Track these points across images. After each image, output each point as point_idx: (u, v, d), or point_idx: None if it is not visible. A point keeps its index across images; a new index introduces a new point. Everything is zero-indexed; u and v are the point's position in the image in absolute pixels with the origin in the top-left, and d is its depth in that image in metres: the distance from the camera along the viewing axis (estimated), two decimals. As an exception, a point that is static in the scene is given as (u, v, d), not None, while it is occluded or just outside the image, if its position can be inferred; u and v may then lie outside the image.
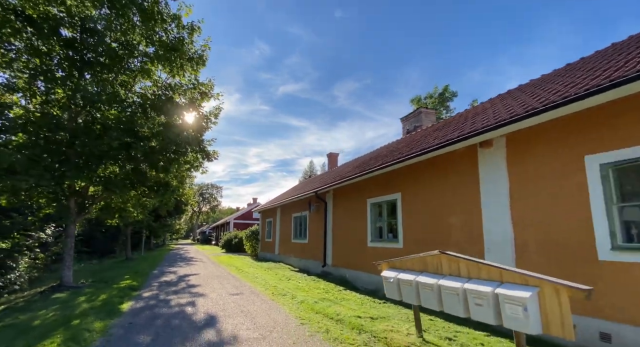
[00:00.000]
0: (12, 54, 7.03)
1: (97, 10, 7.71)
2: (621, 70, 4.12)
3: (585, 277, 4.26)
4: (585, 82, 4.57)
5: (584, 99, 4.05)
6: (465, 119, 8.00)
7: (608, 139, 4.19)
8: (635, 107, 3.98)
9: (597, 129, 4.32)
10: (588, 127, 4.43)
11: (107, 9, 7.58)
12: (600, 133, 4.28)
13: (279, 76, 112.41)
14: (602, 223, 4.17)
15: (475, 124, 6.34)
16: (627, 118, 4.04)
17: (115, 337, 4.61)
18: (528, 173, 5.15)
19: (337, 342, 4.32)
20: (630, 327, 3.81)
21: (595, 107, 4.29)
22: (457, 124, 7.96)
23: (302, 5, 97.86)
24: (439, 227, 6.89)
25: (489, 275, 3.44)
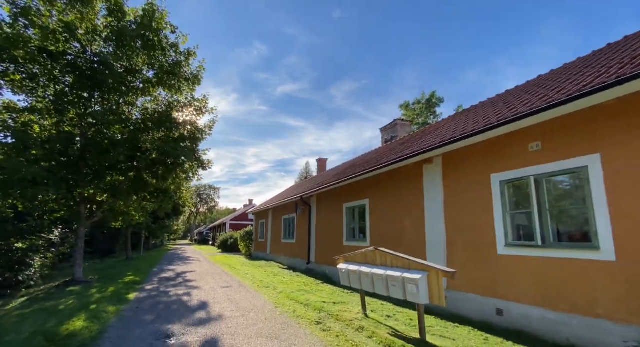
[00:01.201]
0: (33, 83, 8.28)
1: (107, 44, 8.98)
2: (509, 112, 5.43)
3: (489, 267, 5.58)
4: (497, 115, 5.88)
5: (484, 132, 5.36)
6: (423, 135, 9.32)
7: (504, 162, 5.51)
8: (517, 140, 5.28)
9: (498, 153, 5.63)
10: (493, 151, 5.73)
11: (115, 44, 8.84)
12: (500, 157, 5.59)
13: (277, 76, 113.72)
14: (500, 226, 5.48)
15: (424, 143, 7.66)
16: (514, 148, 5.35)
17: (126, 316, 5.88)
18: (456, 186, 6.46)
19: (299, 318, 5.61)
20: (515, 304, 5.11)
21: (495, 137, 5.60)
22: (415, 140, 9.28)
23: (301, 6, 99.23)
24: (397, 228, 8.19)
25: (402, 264, 4.74)
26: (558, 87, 5.14)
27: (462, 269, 6.09)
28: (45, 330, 5.01)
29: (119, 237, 26.05)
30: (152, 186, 11.30)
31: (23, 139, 8.17)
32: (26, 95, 8.59)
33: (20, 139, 8.05)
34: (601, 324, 4.02)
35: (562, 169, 4.65)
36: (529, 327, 4.81)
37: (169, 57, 10.52)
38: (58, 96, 8.75)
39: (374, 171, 8.61)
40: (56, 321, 5.55)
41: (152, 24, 8.97)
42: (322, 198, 12.88)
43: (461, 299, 6.02)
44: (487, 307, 5.50)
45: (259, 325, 5.20)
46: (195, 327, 5.14)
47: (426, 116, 32.99)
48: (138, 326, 5.23)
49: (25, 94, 8.37)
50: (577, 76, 5.12)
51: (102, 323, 5.40)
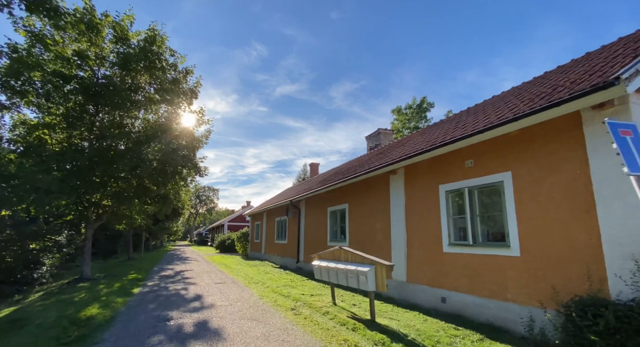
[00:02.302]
0: (49, 102, 9.37)
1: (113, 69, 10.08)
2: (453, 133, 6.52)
3: (437, 263, 6.66)
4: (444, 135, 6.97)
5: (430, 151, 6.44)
6: (394, 148, 10.43)
7: (448, 175, 6.59)
8: (457, 158, 6.37)
9: (445, 168, 6.72)
10: (441, 166, 6.82)
11: (120, 67, 9.94)
12: (446, 171, 6.68)
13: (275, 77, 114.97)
14: (445, 228, 6.56)
15: (391, 156, 8.75)
16: (455, 164, 6.44)
17: (132, 306, 6.95)
18: (415, 194, 7.55)
19: (278, 306, 6.69)
20: (454, 293, 6.19)
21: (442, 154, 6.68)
22: (388, 151, 10.38)
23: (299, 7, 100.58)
24: (369, 230, 9.28)
25: (358, 260, 5.82)
26: (483, 116, 6.25)
27: (417, 265, 7.18)
28: (67, 315, 6.08)
29: (120, 239, 27.08)
30: (152, 192, 12.37)
31: (39, 151, 9.24)
32: (42, 113, 9.68)
33: (37, 151, 9.13)
34: (509, 306, 5.11)
35: (487, 182, 5.74)
36: (464, 311, 5.90)
37: (168, 75, 11.62)
38: (69, 113, 9.84)
39: (350, 180, 9.70)
40: (74, 309, 6.62)
41: (153, 48, 10.08)
42: (310, 202, 13.96)
43: (416, 290, 7.10)
44: (435, 296, 6.59)
45: (243, 311, 6.28)
46: (190, 313, 6.22)
47: (417, 121, 34.09)
48: (143, 313, 6.31)
49: (42, 112, 9.47)
50: (503, 105, 6.23)
51: (112, 310, 6.48)
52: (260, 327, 5.17)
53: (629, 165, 2.49)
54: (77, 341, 4.60)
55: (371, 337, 4.56)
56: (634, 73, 3.66)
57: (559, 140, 4.70)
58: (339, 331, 4.92)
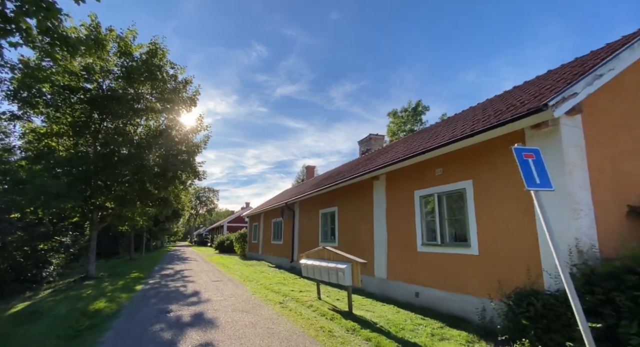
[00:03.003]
0: (58, 112, 10.08)
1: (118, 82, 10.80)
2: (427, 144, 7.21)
3: (412, 261, 7.34)
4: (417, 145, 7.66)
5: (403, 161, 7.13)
6: (379, 155, 11.12)
7: (422, 182, 7.28)
8: (429, 166, 7.06)
9: (419, 175, 7.41)
10: (416, 173, 7.51)
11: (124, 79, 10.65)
12: (420, 178, 7.37)
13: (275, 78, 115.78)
14: (419, 230, 7.25)
15: (375, 162, 9.44)
16: (427, 171, 7.13)
17: (136, 300, 7.64)
18: (394, 198, 8.24)
19: (268, 300, 7.38)
20: (426, 288, 6.87)
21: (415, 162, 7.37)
22: (375, 158, 11.07)
23: (298, 7, 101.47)
24: (356, 231, 9.96)
25: (338, 258, 6.51)
26: (452, 129, 6.94)
27: (396, 263, 7.87)
28: (78, 308, 6.78)
29: (122, 239, 27.80)
30: (154, 195, 13.07)
31: (49, 158, 9.95)
32: (50, 122, 10.40)
33: (46, 158, 9.84)
34: (469, 298, 5.79)
35: (453, 189, 6.43)
36: (434, 304, 6.57)
37: (169, 85, 12.33)
38: (75, 122, 10.55)
39: (339, 184, 10.39)
40: (83, 303, 7.32)
41: (154, 61, 10.79)
42: (303, 204, 14.65)
43: (395, 286, 7.79)
44: (410, 291, 7.27)
45: (236, 305, 6.97)
46: (188, 306, 6.91)
47: (413, 123, 34.80)
48: (145, 306, 7.00)
49: (51, 122, 10.18)
50: (470, 119, 6.92)
51: (118, 304, 7.17)
52: (249, 317, 5.86)
53: (526, 182, 3.17)
54: (90, 328, 5.29)
55: (345, 325, 5.25)
56: (560, 100, 4.35)
57: (510, 154, 5.38)
58: (318, 320, 5.61)
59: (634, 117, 5.28)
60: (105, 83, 10.79)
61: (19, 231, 11.37)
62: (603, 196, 4.68)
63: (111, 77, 10.73)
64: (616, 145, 5.01)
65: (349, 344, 4.42)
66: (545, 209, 3.23)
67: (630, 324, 3.42)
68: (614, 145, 4.99)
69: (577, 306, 2.97)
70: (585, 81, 4.60)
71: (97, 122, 11.23)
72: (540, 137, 4.85)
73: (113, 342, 4.61)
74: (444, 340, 4.64)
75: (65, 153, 10.89)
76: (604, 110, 5.07)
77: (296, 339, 4.63)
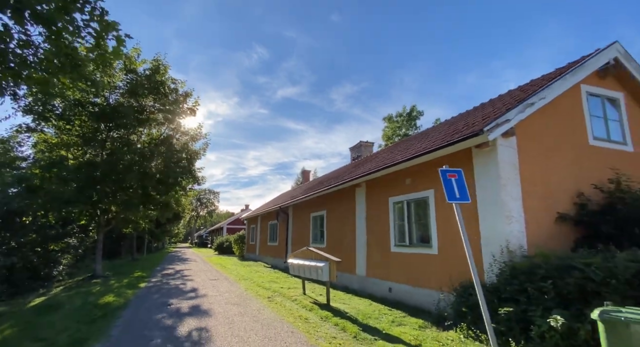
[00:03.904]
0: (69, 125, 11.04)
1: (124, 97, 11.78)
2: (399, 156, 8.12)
3: (386, 260, 8.23)
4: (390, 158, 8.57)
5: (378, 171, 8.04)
6: (364, 162, 12.03)
7: (395, 190, 8.19)
8: (400, 176, 7.96)
9: (392, 184, 8.31)
10: (390, 182, 8.41)
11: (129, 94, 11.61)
12: (393, 186, 8.27)
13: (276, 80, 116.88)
14: (392, 232, 8.15)
15: (359, 170, 10.35)
16: (399, 181, 8.04)
17: (140, 295, 8.55)
18: (373, 204, 9.14)
19: (258, 296, 8.28)
20: (397, 284, 7.76)
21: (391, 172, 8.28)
22: (361, 165, 11.98)
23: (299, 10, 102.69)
24: (341, 233, 10.86)
25: (319, 257, 7.41)
26: (420, 143, 7.86)
27: (373, 262, 8.76)
28: (89, 302, 7.69)
29: (124, 241, 28.72)
30: (156, 200, 14.00)
31: (60, 167, 10.89)
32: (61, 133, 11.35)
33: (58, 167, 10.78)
34: (430, 292, 6.68)
35: (419, 197, 7.34)
36: (403, 298, 7.46)
37: (170, 97, 13.28)
38: (84, 133, 11.50)
39: (327, 190, 11.30)
40: (94, 298, 8.24)
41: (157, 78, 11.75)
42: (296, 208, 15.55)
43: (372, 282, 8.68)
44: (384, 287, 8.17)
45: (229, 299, 7.88)
46: (187, 300, 7.82)
47: (407, 128, 35.71)
48: (149, 300, 7.91)
49: (62, 133, 11.14)
50: (435, 135, 7.83)
51: (125, 298, 8.08)
52: (239, 308, 6.77)
53: (448, 196, 4.07)
54: (103, 316, 6.20)
55: (320, 314, 6.16)
56: (494, 126, 5.26)
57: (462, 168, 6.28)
58: (298, 310, 6.51)
59: (565, 137, 6.19)
60: (112, 97, 11.75)
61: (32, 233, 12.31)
62: (534, 205, 5.59)
63: (117, 92, 11.69)
64: (548, 161, 5.92)
65: (319, 327, 5.32)
66: (461, 217, 4.14)
67: (537, 308, 4.31)
68: (545, 162, 5.89)
69: (481, 299, 3.88)
70: (517, 109, 5.51)
71: (104, 132, 12.17)
72: (482, 155, 5.76)
73: (124, 326, 5.52)
74: (400, 325, 5.53)
75: (74, 161, 11.82)
76: (538, 131, 5.98)
77: (276, 324, 5.53)
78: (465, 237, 4.09)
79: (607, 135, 6.54)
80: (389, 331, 5.15)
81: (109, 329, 5.38)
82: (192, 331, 5.23)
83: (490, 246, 5.47)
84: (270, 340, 4.69)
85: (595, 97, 6.61)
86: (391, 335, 4.95)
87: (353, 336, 4.91)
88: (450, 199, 4.09)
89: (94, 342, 4.71)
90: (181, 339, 4.80)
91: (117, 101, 11.59)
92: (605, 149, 6.45)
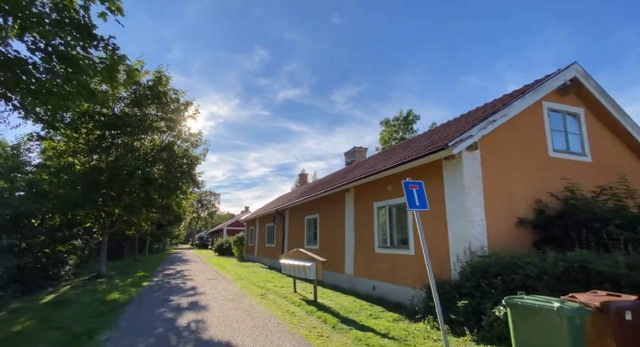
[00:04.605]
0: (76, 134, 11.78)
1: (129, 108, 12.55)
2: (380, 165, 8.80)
3: (371, 260, 8.90)
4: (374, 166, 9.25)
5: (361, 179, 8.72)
6: (354, 168, 12.71)
7: (379, 195, 8.86)
8: (383, 183, 8.64)
9: (377, 190, 8.99)
10: (375, 188, 9.08)
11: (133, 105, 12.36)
12: (377, 192, 8.95)
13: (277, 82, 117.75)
14: (376, 235, 8.82)
15: (348, 176, 11.04)
16: (382, 187, 8.72)
17: (143, 293, 9.23)
18: (360, 208, 9.81)
19: (252, 293, 8.95)
20: (380, 282, 8.42)
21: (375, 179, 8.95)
22: (350, 170, 12.66)
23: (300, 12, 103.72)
24: (332, 236, 11.53)
25: (307, 258, 8.09)
26: (402, 152, 8.54)
27: (360, 262, 9.43)
28: (97, 299, 8.38)
29: (127, 242, 29.45)
30: (158, 203, 14.71)
31: (68, 173, 11.62)
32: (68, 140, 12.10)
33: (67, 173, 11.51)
34: (407, 289, 7.33)
35: (399, 202, 8.01)
36: (385, 295, 8.12)
37: (172, 105, 14.01)
38: (91, 141, 12.23)
39: (319, 195, 11.98)
40: (101, 295, 8.93)
41: (160, 89, 12.49)
42: (292, 211, 16.23)
43: (359, 281, 9.34)
44: (369, 286, 8.83)
45: (225, 296, 8.56)
46: (186, 297, 8.50)
47: (404, 132, 36.41)
48: (152, 297, 8.59)
49: (70, 141, 11.88)
50: (413, 147, 8.52)
51: (129, 295, 8.77)
52: (234, 304, 7.45)
53: (409, 205, 4.74)
54: (110, 311, 6.89)
55: (306, 309, 6.83)
56: (458, 141, 5.94)
57: (434, 177, 6.97)
58: (287, 306, 7.18)
59: (527, 149, 6.87)
60: (117, 107, 12.48)
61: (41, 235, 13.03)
62: (496, 211, 6.26)
63: (122, 102, 12.42)
64: (510, 171, 6.59)
65: (303, 320, 5.99)
66: (421, 223, 4.81)
67: (488, 301, 4.97)
68: (507, 172, 6.57)
69: (435, 294, 4.55)
70: (479, 126, 6.19)
71: (109, 140, 12.90)
72: (450, 167, 6.44)
73: (130, 318, 6.21)
74: (377, 318, 6.20)
75: (81, 167, 12.55)
76: (501, 145, 6.66)
77: (265, 317, 6.21)
78: (423, 239, 4.75)
79: (566, 147, 7.21)
80: (365, 323, 5.82)
81: (117, 321, 6.07)
82: (191, 322, 5.91)
83: (456, 247, 6.15)
84: (258, 329, 5.37)
85: (557, 112, 7.29)
86: (366, 326, 5.62)
87: (332, 326, 5.58)
88: (411, 207, 4.76)
89: (105, 330, 5.39)
90: (180, 329, 5.48)
91: (122, 111, 12.33)
92: (565, 160, 7.13)
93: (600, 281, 3.90)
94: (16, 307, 8.59)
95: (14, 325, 6.26)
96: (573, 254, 4.55)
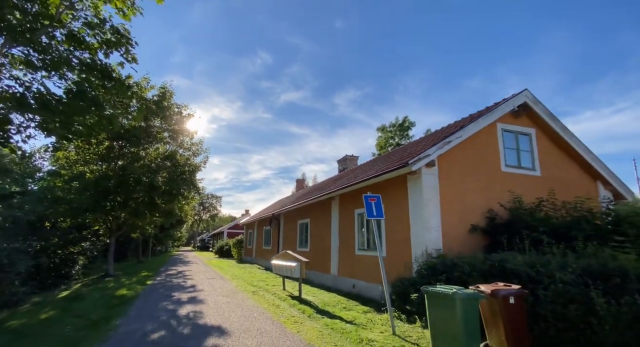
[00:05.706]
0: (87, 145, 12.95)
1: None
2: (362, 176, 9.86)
3: (351, 261, 9.93)
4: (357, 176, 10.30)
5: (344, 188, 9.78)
6: (344, 175, 13.78)
7: (359, 203, 9.91)
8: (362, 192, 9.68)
9: (357, 198, 10.03)
10: (355, 197, 10.13)
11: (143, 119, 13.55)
12: (358, 200, 9.99)
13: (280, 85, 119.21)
14: (357, 239, 9.86)
15: (335, 184, 12.10)
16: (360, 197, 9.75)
17: (148, 290, 10.30)
18: (343, 214, 10.86)
19: (245, 290, 10.00)
20: (359, 281, 9.45)
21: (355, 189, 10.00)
22: (339, 178, 13.73)
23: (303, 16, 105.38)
24: (321, 239, 12.57)
25: (293, 259, 9.14)
26: (382, 163, 9.60)
27: (343, 263, 10.47)
28: (107, 294, 9.46)
29: (130, 244, 30.55)
30: (161, 208, 15.83)
31: (80, 180, 12.76)
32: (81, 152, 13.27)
33: (79, 180, 12.64)
34: (378, 286, 8.36)
35: (374, 210, 9.04)
36: (363, 292, 9.14)
37: (175, 117, 15.17)
38: (100, 152, 13.38)
39: (308, 202, 13.05)
40: (110, 291, 10.01)
41: (164, 103, 13.66)
42: (287, 215, 17.30)
43: (342, 280, 10.37)
44: (350, 284, 9.86)
45: (221, 293, 9.61)
46: (186, 293, 9.56)
47: (400, 138, 37.47)
48: (156, 293, 9.66)
49: (82, 152, 13.06)
50: (390, 159, 9.57)
51: (136, 292, 9.84)
52: (227, 299, 8.50)
53: (367, 214, 5.79)
54: (120, 304, 7.96)
55: (290, 303, 7.87)
56: (417, 160, 7.00)
57: (400, 188, 8.02)
58: (274, 301, 8.23)
59: (481, 165, 7.92)
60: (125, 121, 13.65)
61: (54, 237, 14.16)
62: (451, 219, 7.29)
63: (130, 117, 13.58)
64: (464, 184, 7.64)
65: (285, 311, 7.04)
66: (380, 230, 5.86)
67: (435, 295, 5.99)
68: (462, 185, 7.61)
69: (386, 290, 5.58)
70: (437, 146, 7.25)
71: (117, 150, 14.05)
72: (413, 180, 7.50)
73: (137, 310, 7.27)
74: (349, 310, 7.23)
75: (91, 175, 13.69)
76: (456, 161, 7.71)
77: (253, 308, 7.26)
78: (378, 243, 5.81)
79: (518, 163, 8.25)
80: (337, 313, 6.85)
81: (127, 311, 7.14)
82: (189, 312, 6.97)
83: (416, 250, 7.19)
84: (245, 318, 6.42)
85: (510, 132, 8.34)
86: (337, 315, 6.66)
87: (308, 315, 6.62)
88: (369, 216, 5.82)
89: (118, 318, 6.46)
90: (180, 317, 6.54)
91: (130, 124, 13.49)
92: (516, 174, 8.16)
93: (511, 276, 4.93)
94: (37, 301, 9.68)
95: (40, 314, 7.34)
96: (496, 255, 5.57)
